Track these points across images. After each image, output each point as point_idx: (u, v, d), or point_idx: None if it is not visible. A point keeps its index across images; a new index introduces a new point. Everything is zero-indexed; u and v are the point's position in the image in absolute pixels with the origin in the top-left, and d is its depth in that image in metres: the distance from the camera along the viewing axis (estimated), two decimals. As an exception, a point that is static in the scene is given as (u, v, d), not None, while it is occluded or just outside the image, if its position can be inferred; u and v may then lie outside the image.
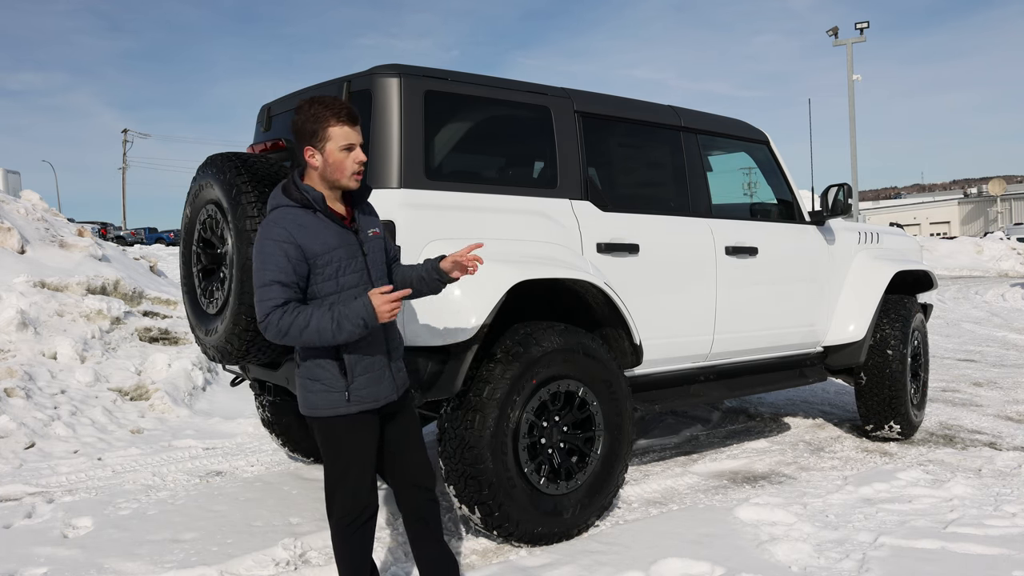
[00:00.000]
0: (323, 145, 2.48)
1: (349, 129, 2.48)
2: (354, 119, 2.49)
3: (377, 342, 2.57)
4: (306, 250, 2.45)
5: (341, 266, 2.50)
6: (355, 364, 2.51)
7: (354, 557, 2.65)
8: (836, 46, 31.41)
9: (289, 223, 2.46)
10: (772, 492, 4.32)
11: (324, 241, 2.48)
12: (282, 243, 2.43)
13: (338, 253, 2.50)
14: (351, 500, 2.59)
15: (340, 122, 2.46)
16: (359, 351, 2.52)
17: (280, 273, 2.41)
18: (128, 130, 56.94)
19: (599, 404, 3.76)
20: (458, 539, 3.70)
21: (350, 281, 2.52)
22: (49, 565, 3.40)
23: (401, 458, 2.72)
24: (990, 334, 11.49)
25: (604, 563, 3.32)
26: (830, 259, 5.25)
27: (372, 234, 2.64)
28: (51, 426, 5.38)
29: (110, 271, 8.12)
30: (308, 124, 2.48)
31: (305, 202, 2.50)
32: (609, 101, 4.25)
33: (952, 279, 22.99)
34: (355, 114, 2.50)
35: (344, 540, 2.63)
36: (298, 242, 2.44)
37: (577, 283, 3.72)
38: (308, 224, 2.48)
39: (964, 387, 7.41)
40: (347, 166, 2.49)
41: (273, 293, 2.41)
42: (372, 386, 2.55)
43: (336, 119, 2.46)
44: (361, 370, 2.52)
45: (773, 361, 5.01)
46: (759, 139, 5.09)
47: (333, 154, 2.48)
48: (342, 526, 2.61)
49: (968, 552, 3.37)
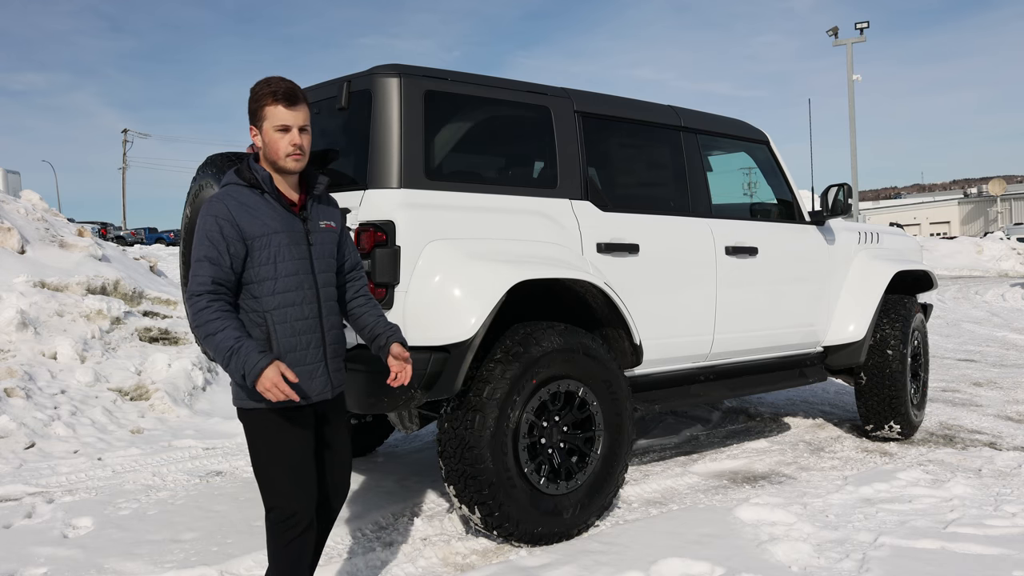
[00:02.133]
0: (261, 124, 2.44)
1: (284, 110, 2.42)
2: (291, 100, 2.42)
3: (312, 336, 2.48)
4: (244, 230, 2.39)
5: (280, 251, 2.43)
6: (283, 354, 2.42)
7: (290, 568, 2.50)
8: (836, 46, 31.40)
9: (231, 201, 2.42)
10: (772, 492, 4.32)
11: (264, 223, 2.42)
12: (219, 219, 2.38)
13: (278, 237, 2.44)
14: (282, 502, 2.46)
15: (276, 102, 2.41)
16: (290, 344, 2.44)
17: (212, 249, 2.37)
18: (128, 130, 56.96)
19: (599, 404, 3.76)
20: (458, 539, 3.70)
21: (288, 268, 2.44)
22: (49, 565, 3.40)
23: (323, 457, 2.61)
24: (990, 334, 11.49)
25: (604, 563, 3.32)
26: (830, 259, 5.25)
27: (324, 226, 2.57)
28: (51, 426, 5.38)
29: (110, 271, 8.12)
30: (251, 103, 2.46)
31: (253, 182, 2.46)
32: (609, 101, 4.25)
33: (952, 279, 22.99)
34: (294, 95, 2.43)
35: (277, 546, 2.49)
36: (236, 221, 2.39)
37: (577, 283, 3.72)
38: (251, 204, 2.43)
39: (964, 387, 7.41)
40: (281, 147, 2.43)
41: (202, 270, 2.36)
42: (304, 380, 2.44)
43: (272, 99, 2.41)
44: (291, 361, 2.41)
45: (773, 361, 5.01)
46: (759, 139, 5.09)
47: (268, 133, 2.44)
48: (276, 530, 2.48)
49: (968, 552, 3.37)
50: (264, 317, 2.42)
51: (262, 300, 2.42)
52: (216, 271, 2.36)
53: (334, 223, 2.62)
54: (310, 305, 2.48)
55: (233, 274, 2.40)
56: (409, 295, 3.34)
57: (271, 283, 2.42)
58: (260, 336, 2.41)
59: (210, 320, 2.32)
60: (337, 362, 2.58)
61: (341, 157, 3.82)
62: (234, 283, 2.41)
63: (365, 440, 5.13)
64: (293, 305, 2.45)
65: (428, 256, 3.38)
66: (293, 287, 2.45)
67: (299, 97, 2.45)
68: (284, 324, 2.43)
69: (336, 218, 2.65)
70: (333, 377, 2.55)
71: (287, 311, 2.44)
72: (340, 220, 2.67)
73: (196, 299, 2.34)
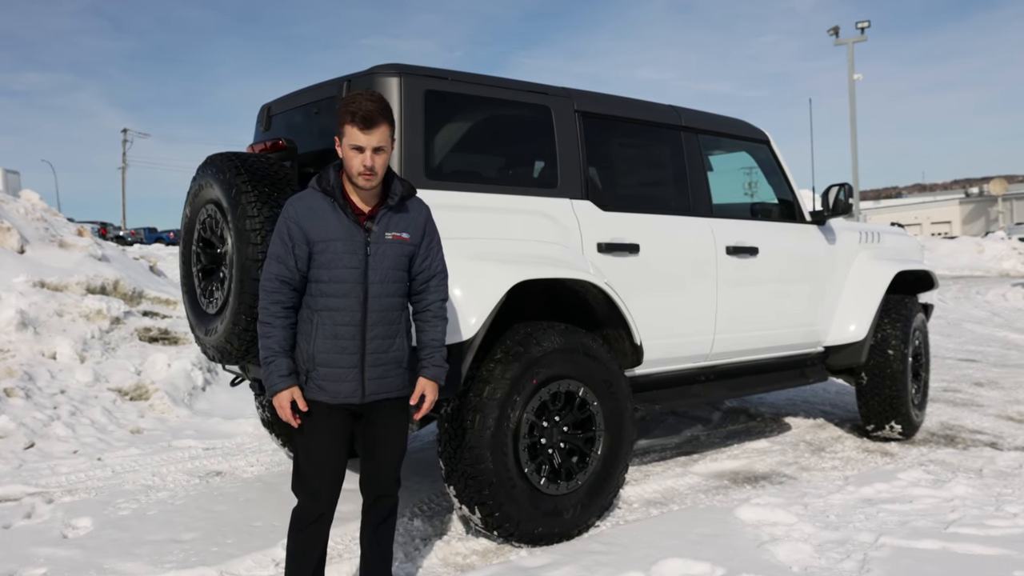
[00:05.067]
0: (341, 140, 2.57)
1: (359, 131, 2.52)
2: (368, 123, 2.52)
3: (350, 343, 2.60)
4: (308, 233, 2.57)
5: (335, 258, 2.57)
6: (316, 354, 2.59)
7: (296, 556, 2.69)
8: (837, 45, 31.40)
9: (302, 205, 2.61)
10: (773, 492, 4.31)
11: (325, 229, 2.57)
12: (289, 220, 2.60)
13: (336, 245, 2.57)
14: (303, 492, 2.67)
15: (353, 123, 2.52)
16: (325, 346, 2.59)
17: (280, 247, 2.59)
18: (128, 130, 56.95)
19: (599, 404, 3.76)
20: (458, 539, 3.70)
21: (338, 276, 2.58)
22: (49, 565, 3.39)
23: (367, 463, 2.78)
24: (991, 334, 11.48)
25: (604, 563, 3.31)
26: (831, 259, 5.24)
27: (392, 237, 2.65)
28: (51, 426, 5.37)
29: (110, 271, 8.11)
30: (337, 117, 2.59)
31: (328, 189, 2.61)
32: (610, 101, 4.24)
33: (953, 279, 22.97)
34: (371, 119, 2.52)
35: (293, 533, 2.69)
36: (301, 224, 2.58)
37: (577, 283, 3.72)
38: (319, 210, 2.59)
39: (965, 387, 7.40)
40: (354, 165, 2.55)
41: (271, 267, 2.60)
42: (333, 382, 2.60)
43: (351, 119, 2.53)
44: (322, 361, 2.59)
45: (774, 361, 5.00)
46: (760, 139, 5.08)
47: (345, 150, 2.57)
48: (292, 518, 2.69)
49: (969, 552, 3.36)
50: (313, 316, 2.60)
51: (315, 299, 2.60)
52: (281, 269, 2.58)
53: (408, 235, 2.68)
54: (353, 313, 2.59)
55: (298, 272, 2.59)
56: (409, 295, 3.33)
57: (323, 286, 2.59)
58: (307, 331, 2.60)
59: (264, 321, 2.59)
60: (378, 370, 2.65)
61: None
62: (299, 281, 2.60)
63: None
64: (336, 310, 2.58)
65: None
66: (340, 293, 2.58)
67: (376, 120, 2.53)
68: (325, 326, 2.59)
69: (415, 229, 2.70)
70: (368, 384, 2.63)
71: (331, 315, 2.58)
72: (422, 231, 2.73)
73: (263, 293, 2.61)
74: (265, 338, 2.58)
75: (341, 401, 2.62)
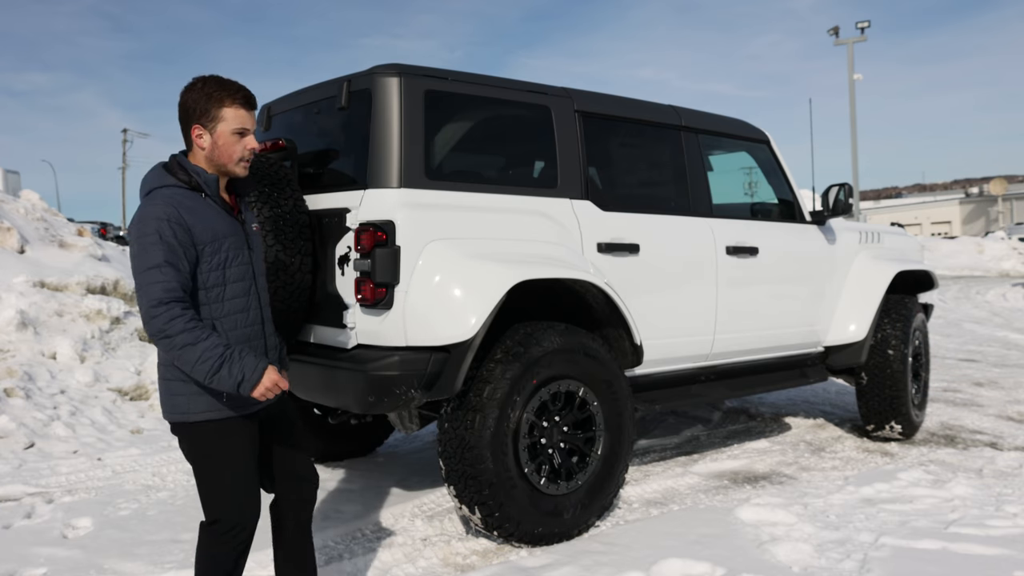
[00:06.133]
0: (214, 126, 2.33)
1: (245, 113, 2.34)
2: (251, 103, 2.36)
3: (259, 343, 2.45)
4: (195, 235, 2.27)
5: (229, 257, 2.35)
6: None
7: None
8: (837, 45, 31.40)
9: (177, 204, 2.27)
10: (773, 492, 4.31)
11: (214, 228, 2.32)
12: (172, 223, 2.22)
13: (228, 242, 2.35)
14: (228, 513, 2.39)
15: (236, 104, 2.32)
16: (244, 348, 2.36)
17: (171, 254, 2.21)
18: (128, 130, 56.92)
19: (599, 404, 3.76)
20: (458, 539, 3.70)
21: (236, 275, 2.38)
22: (49, 565, 3.40)
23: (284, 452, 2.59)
24: (991, 334, 11.48)
25: (604, 563, 3.31)
26: (831, 259, 5.24)
27: (255, 229, 2.53)
28: (51, 426, 5.37)
29: (110, 271, 8.12)
30: (200, 102, 2.32)
31: (194, 184, 2.33)
32: (609, 101, 4.24)
33: (953, 279, 22.97)
34: (252, 98, 2.37)
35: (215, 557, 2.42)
36: (185, 226, 2.25)
37: (577, 283, 3.72)
38: (196, 208, 2.30)
39: (965, 387, 7.40)
40: (236, 151, 2.35)
41: (165, 276, 2.19)
42: None
43: (232, 100, 2.32)
44: None
45: (774, 361, 5.00)
46: (760, 139, 5.08)
47: (223, 136, 2.33)
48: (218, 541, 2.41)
49: (969, 552, 3.36)
50: (214, 325, 2.32)
51: (211, 307, 2.33)
52: (180, 277, 2.23)
53: (258, 226, 2.59)
54: (255, 311, 2.44)
55: (190, 282, 2.28)
56: (409, 295, 3.33)
57: (220, 290, 2.34)
58: None
59: (188, 329, 2.20)
60: (277, 365, 2.56)
61: (341, 157, 3.82)
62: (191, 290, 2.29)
63: (365, 440, 5.12)
64: (241, 312, 2.40)
65: (428, 256, 3.37)
66: (241, 293, 2.39)
67: (256, 101, 2.39)
68: (235, 331, 2.37)
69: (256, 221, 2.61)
70: None
71: (236, 318, 2.38)
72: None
73: (167, 307, 2.19)
74: (203, 340, 2.20)
75: (261, 406, 2.43)
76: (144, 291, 2.21)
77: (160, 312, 2.19)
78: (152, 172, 2.37)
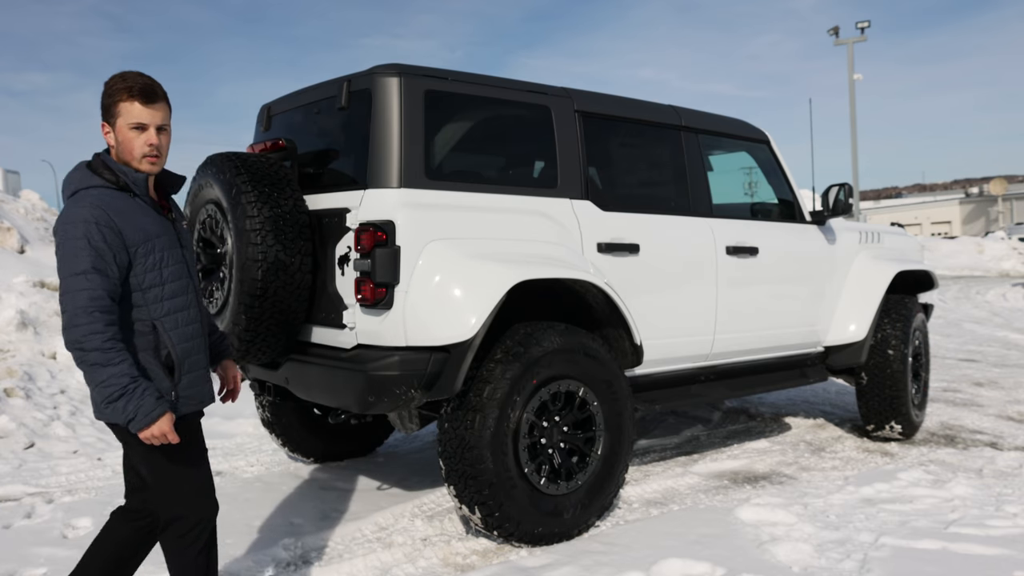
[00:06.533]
0: (114, 122, 2.27)
1: (141, 107, 2.25)
2: (148, 97, 2.26)
3: (199, 340, 2.44)
4: (126, 237, 2.22)
5: (164, 256, 2.32)
6: (183, 361, 2.35)
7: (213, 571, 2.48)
8: (837, 45, 31.38)
9: (105, 205, 2.21)
10: (773, 492, 4.31)
11: (144, 228, 2.27)
12: (100, 226, 2.17)
13: (160, 241, 2.31)
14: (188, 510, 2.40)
15: (131, 98, 2.25)
16: (185, 350, 2.36)
17: (99, 259, 2.16)
18: (129, 130, 56.91)
19: (599, 404, 3.76)
20: (458, 539, 3.70)
21: (173, 273, 2.34)
22: (49, 565, 3.40)
23: None
24: (991, 334, 11.47)
25: (604, 563, 3.31)
26: (831, 259, 5.24)
27: (185, 225, 2.52)
28: (51, 426, 5.37)
29: (110, 271, 8.12)
30: (104, 98, 2.29)
31: (122, 184, 2.29)
32: (609, 101, 4.24)
33: (953, 279, 22.97)
34: (152, 91, 2.27)
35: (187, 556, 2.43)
36: (116, 228, 2.20)
37: (577, 283, 3.72)
38: (125, 208, 2.25)
39: (965, 387, 7.40)
40: (136, 147, 2.27)
41: (92, 283, 2.14)
42: (197, 386, 2.40)
43: (128, 95, 2.24)
44: (188, 367, 2.37)
45: (774, 361, 5.00)
46: (760, 139, 5.08)
47: (122, 132, 2.27)
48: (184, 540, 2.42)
49: (969, 552, 3.36)
50: (154, 326, 2.30)
51: (149, 308, 2.30)
52: (107, 284, 2.17)
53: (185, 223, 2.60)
54: (193, 309, 2.42)
55: (119, 287, 2.22)
56: (409, 295, 3.33)
57: (158, 290, 2.31)
58: (148, 346, 2.29)
59: (103, 348, 2.14)
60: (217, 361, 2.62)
61: (341, 157, 3.82)
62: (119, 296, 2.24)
63: (365, 440, 5.13)
64: (181, 311, 2.37)
65: (428, 256, 3.37)
66: (179, 292, 2.36)
67: (158, 94, 2.29)
68: (176, 330, 2.35)
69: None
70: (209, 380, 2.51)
71: (177, 317, 2.35)
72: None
73: (90, 317, 2.13)
74: (114, 364, 2.14)
75: (205, 406, 2.45)
76: (69, 297, 2.16)
77: (82, 322, 2.14)
78: (76, 171, 2.31)
